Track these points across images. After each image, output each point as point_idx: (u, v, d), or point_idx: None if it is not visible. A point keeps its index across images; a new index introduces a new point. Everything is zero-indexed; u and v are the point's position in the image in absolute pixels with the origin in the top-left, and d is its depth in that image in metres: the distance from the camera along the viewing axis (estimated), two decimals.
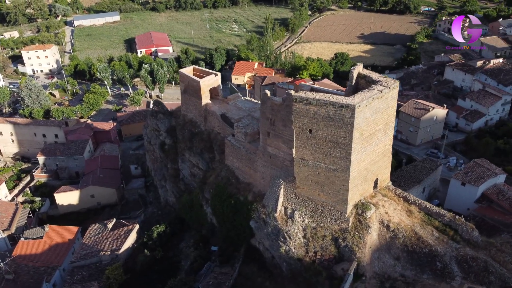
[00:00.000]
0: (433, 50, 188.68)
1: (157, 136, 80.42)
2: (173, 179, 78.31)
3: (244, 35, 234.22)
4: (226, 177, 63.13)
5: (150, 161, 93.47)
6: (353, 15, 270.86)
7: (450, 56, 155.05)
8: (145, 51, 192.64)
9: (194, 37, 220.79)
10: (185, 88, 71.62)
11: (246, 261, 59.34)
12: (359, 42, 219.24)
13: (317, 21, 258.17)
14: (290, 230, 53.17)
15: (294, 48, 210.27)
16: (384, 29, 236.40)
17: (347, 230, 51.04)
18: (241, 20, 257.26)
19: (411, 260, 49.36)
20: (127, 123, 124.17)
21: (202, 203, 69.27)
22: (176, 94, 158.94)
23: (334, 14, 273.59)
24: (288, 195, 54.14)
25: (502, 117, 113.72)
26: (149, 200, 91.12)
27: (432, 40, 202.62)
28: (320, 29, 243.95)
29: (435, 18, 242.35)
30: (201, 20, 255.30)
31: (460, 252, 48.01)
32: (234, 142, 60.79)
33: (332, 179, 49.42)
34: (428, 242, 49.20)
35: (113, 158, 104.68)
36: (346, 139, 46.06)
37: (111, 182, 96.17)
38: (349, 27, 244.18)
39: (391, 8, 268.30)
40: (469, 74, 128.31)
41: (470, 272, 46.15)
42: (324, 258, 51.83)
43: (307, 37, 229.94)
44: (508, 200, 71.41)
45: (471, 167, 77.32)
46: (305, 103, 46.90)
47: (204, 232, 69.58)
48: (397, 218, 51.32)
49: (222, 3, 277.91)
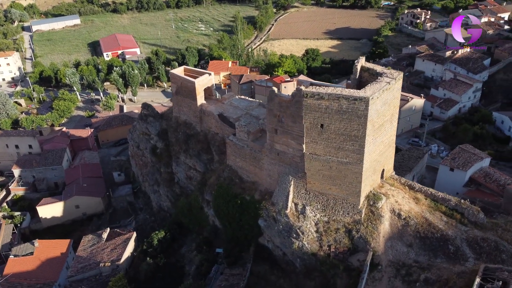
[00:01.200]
0: (398, 42, 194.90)
1: (147, 140, 78.11)
2: (167, 183, 76.37)
3: (212, 34, 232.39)
4: (229, 177, 62.25)
5: (137, 167, 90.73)
6: (317, 12, 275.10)
7: (418, 48, 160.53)
8: (111, 54, 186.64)
9: (161, 37, 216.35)
10: (177, 89, 69.94)
11: (256, 260, 58.89)
12: (326, 38, 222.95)
13: (283, 18, 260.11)
14: (303, 226, 53.19)
15: (263, 45, 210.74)
16: (348, 24, 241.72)
17: (360, 221, 51.68)
18: (206, 19, 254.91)
19: (423, 245, 50.66)
20: (104, 129, 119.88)
21: (203, 206, 68.06)
22: (149, 96, 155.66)
23: (298, 10, 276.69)
24: (298, 191, 54.12)
25: (473, 104, 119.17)
26: (139, 206, 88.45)
27: (396, 33, 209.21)
28: (287, 26, 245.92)
29: (396, 12, 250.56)
30: (166, 20, 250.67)
31: (470, 235, 49.88)
32: (236, 142, 60.01)
33: (345, 172, 49.85)
34: (438, 227, 50.73)
35: (95, 166, 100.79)
36: (360, 131, 46.56)
37: (96, 190, 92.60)
38: (315, 23, 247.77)
39: (353, 4, 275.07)
40: (439, 64, 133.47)
41: (482, 253, 48.00)
42: (338, 251, 52.26)
43: (274, 35, 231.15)
44: (496, 182, 74.99)
45: (457, 153, 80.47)
46: (316, 98, 46.94)
47: (206, 235, 68.37)
48: (407, 206, 52.56)
49: (185, 3, 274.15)
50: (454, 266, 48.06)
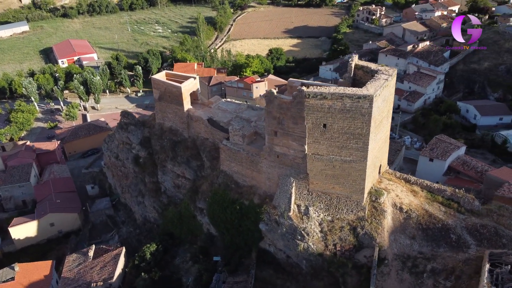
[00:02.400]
0: (357, 39, 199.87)
1: (128, 150, 74.66)
2: (153, 193, 73.44)
3: (171, 36, 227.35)
4: (224, 183, 60.76)
5: (115, 178, 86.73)
6: (274, 11, 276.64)
7: (378, 43, 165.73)
8: (67, 61, 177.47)
9: (118, 41, 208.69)
10: (160, 95, 67.33)
11: (259, 265, 57.94)
12: (286, 37, 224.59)
13: (241, 18, 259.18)
14: (307, 227, 52.93)
15: (225, 46, 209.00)
16: (306, 23, 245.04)
17: (364, 218, 52.19)
18: (163, 21, 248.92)
19: (426, 237, 51.96)
20: (70, 140, 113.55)
21: (195, 214, 66.06)
22: (113, 103, 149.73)
23: (255, 10, 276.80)
24: (300, 192, 53.74)
25: (437, 95, 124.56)
26: (121, 219, 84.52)
27: (353, 30, 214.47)
28: (246, 26, 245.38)
29: (350, 9, 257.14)
30: (120, 23, 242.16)
31: (468, 222, 51.75)
32: (231, 146, 58.63)
33: (348, 171, 50.06)
34: (439, 218, 52.23)
35: (67, 180, 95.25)
36: (364, 129, 46.87)
37: (71, 206, 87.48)
38: (273, 22, 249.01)
39: (308, 2, 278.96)
40: (401, 58, 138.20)
41: (483, 239, 49.91)
42: (344, 249, 52.48)
43: (235, 35, 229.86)
44: (473, 169, 78.55)
45: (435, 143, 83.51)
46: (319, 98, 46.73)
47: (200, 244, 66.49)
48: (407, 200, 53.71)
49: (139, 5, 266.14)
50: (457, 254, 49.64)
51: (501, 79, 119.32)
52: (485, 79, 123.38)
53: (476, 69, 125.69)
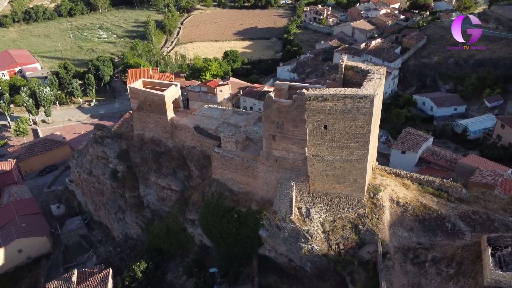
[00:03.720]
0: (307, 39, 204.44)
1: (104, 164, 70.38)
2: (135, 208, 69.87)
3: (117, 41, 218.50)
4: (218, 192, 59.21)
5: (87, 195, 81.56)
6: (220, 13, 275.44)
7: (330, 43, 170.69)
8: (8, 73, 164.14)
9: (61, 49, 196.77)
10: (139, 104, 64.19)
11: (261, 272, 57.12)
12: (237, 39, 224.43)
13: (188, 21, 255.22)
14: (310, 229, 52.99)
15: (177, 50, 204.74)
16: (255, 24, 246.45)
17: (364, 215, 53.13)
18: (107, 26, 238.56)
19: (423, 227, 53.91)
20: (26, 157, 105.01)
21: (185, 226, 63.71)
22: (65, 115, 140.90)
23: (201, 13, 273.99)
24: (300, 195, 53.67)
25: (393, 89, 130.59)
26: (97, 239, 79.56)
27: (302, 30, 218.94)
28: (194, 29, 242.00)
29: (295, 10, 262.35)
30: (61, 30, 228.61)
31: (460, 210, 54.42)
32: (224, 153, 57.21)
33: (349, 170, 50.72)
34: (433, 208, 54.43)
35: (29, 202, 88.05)
36: (365, 128, 47.69)
37: (38, 229, 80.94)
38: (222, 24, 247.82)
39: (254, 4, 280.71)
40: (356, 56, 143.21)
41: (476, 225, 52.69)
42: (348, 247, 53.11)
43: (185, 38, 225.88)
44: (443, 158, 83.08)
45: (405, 136, 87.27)
46: (320, 100, 46.84)
47: (193, 257, 64.30)
48: (402, 193, 55.49)
49: (79, 10, 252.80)
50: (454, 241, 51.99)
51: (450, 71, 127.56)
52: (436, 72, 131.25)
53: (427, 63, 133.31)
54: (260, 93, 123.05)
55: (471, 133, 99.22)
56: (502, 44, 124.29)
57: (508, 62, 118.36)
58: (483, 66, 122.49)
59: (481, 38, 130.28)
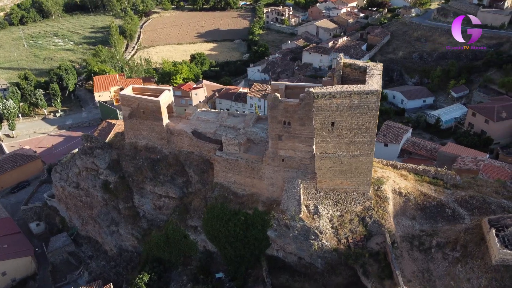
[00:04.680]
0: (272, 40, 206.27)
1: (94, 176, 67.49)
2: (130, 219, 67.58)
3: (75, 48, 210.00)
4: (222, 195, 58.58)
5: (71, 210, 77.88)
6: (180, 16, 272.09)
7: (296, 42, 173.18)
8: None
9: (17, 59, 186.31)
10: (131, 112, 62.18)
11: (271, 272, 57.10)
12: (201, 41, 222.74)
13: (148, 25, 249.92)
14: (320, 225, 53.72)
15: (140, 54, 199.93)
16: (216, 26, 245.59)
17: (370, 207, 54.58)
18: (62, 33, 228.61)
19: (424, 215, 56.09)
20: None
21: (187, 233, 62.44)
22: (30, 127, 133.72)
23: (160, 16, 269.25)
24: (308, 193, 54.25)
25: None
26: (87, 254, 76.12)
27: (266, 31, 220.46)
28: (155, 32, 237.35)
29: (255, 11, 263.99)
30: (13, 39, 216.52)
31: (457, 196, 57.14)
32: (227, 156, 56.71)
33: (356, 165, 51.91)
34: (432, 196, 56.81)
35: (7, 221, 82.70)
36: (371, 123, 49.01)
37: (21, 250, 76.32)
38: (183, 27, 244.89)
39: (213, 6, 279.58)
40: (325, 54, 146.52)
41: (473, 209, 55.52)
42: (357, 240, 54.30)
43: (146, 42, 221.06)
44: (423, 148, 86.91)
45: (386, 130, 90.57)
46: (328, 98, 47.64)
47: (196, 264, 63.18)
48: (403, 184, 57.49)
49: (31, 18, 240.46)
50: (455, 226, 54.49)
51: (415, 65, 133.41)
52: (402, 67, 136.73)
53: (392, 59, 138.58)
54: (236, 95, 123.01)
55: (444, 123, 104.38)
56: None
57: (469, 54, 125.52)
58: (446, 59, 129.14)
59: (441, 33, 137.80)
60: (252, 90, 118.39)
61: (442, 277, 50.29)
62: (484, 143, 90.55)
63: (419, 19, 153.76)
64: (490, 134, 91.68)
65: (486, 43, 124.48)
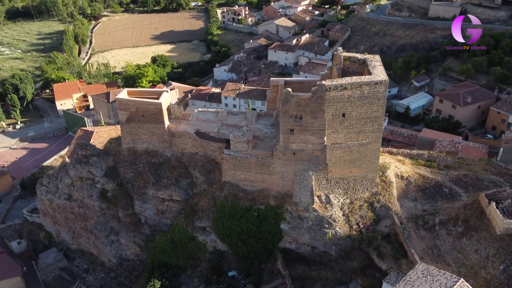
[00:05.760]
0: (232, 39, 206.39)
1: (90, 185, 64.78)
2: (132, 227, 65.65)
3: (23, 56, 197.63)
4: (232, 194, 58.77)
5: (60, 223, 74.04)
6: (130, 18, 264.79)
7: (259, 41, 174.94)
8: None
9: None
10: (129, 116, 60.52)
11: (287, 265, 58.14)
12: (157, 43, 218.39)
13: (98, 29, 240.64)
14: (333, 214, 55.62)
15: (94, 59, 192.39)
16: (171, 28, 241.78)
17: (377, 192, 57.33)
18: (7, 41, 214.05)
19: (424, 196, 59.73)
20: None
21: (195, 235, 61.93)
22: None
23: (110, 19, 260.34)
24: (319, 183, 55.93)
25: None
26: (82, 268, 72.86)
27: (224, 31, 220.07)
28: (107, 36, 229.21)
29: (208, 11, 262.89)
30: None
31: (451, 175, 61.40)
32: (236, 154, 56.99)
33: (365, 153, 54.32)
34: (430, 177, 60.63)
35: None
36: (379, 112, 51.54)
37: (8, 270, 71.54)
38: (136, 30, 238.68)
39: (164, 7, 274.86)
40: (290, 52, 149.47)
41: (468, 186, 59.90)
42: (367, 225, 56.84)
43: (100, 47, 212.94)
44: (401, 135, 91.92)
45: None
46: (339, 90, 49.49)
47: (205, 265, 62.81)
48: (403, 168, 60.84)
49: None
50: (453, 203, 58.53)
51: None
52: None
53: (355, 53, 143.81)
54: (210, 95, 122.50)
55: (412, 111, 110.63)
56: (418, 29, 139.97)
57: (426, 45, 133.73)
58: (404, 51, 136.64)
59: (398, 27, 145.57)
60: (226, 89, 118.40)
61: (449, 251, 53.91)
62: (453, 127, 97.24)
63: (374, 15, 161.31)
64: (457, 118, 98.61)
65: (441, 34, 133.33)
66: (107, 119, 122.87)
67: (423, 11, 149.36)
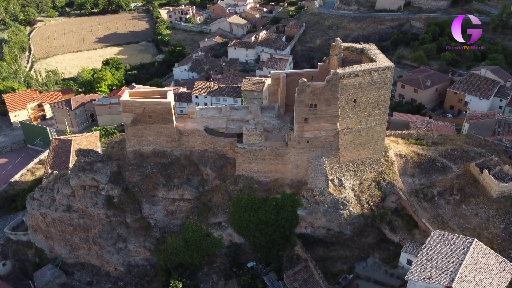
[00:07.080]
0: (183, 39, 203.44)
1: (95, 193, 62.25)
2: (141, 231, 64.20)
3: None
4: (247, 186, 59.95)
5: (54, 238, 70.14)
6: (68, 22, 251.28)
7: (214, 39, 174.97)
8: None
9: None
10: (135, 118, 59.18)
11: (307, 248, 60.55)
12: (103, 46, 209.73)
13: (35, 35, 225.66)
14: (347, 195, 59.05)
15: (38, 66, 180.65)
16: (113, 30, 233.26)
17: (383, 171, 61.69)
18: None
19: (420, 171, 65.12)
20: None
21: (209, 232, 62.34)
22: None
23: (46, 24, 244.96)
24: (332, 168, 58.99)
25: None
26: (85, 281, 69.80)
27: (174, 30, 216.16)
28: (46, 42, 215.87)
29: (149, 12, 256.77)
30: None
31: (440, 150, 67.49)
32: (250, 147, 58.24)
33: (373, 135, 58.24)
34: (423, 154, 66.22)
35: None
36: (386, 96, 55.63)
37: None
38: (77, 34, 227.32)
39: (103, 9, 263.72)
40: (250, 49, 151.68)
41: (456, 158, 66.22)
42: (376, 203, 61.02)
43: (40, 53, 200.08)
44: None
45: None
46: (352, 77, 52.75)
47: (222, 260, 63.49)
48: (400, 148, 65.79)
49: None
50: (446, 175, 64.54)
51: None
52: (321, 54, 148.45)
53: (312, 47, 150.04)
54: (179, 95, 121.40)
55: None
56: (368, 22, 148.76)
57: (377, 36, 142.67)
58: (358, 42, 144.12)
59: (349, 20, 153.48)
60: (196, 88, 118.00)
61: (451, 218, 59.65)
62: (417, 109, 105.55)
63: (325, 9, 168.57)
64: (420, 101, 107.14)
65: (390, 25, 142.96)
66: (71, 128, 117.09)
67: (370, 4, 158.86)
